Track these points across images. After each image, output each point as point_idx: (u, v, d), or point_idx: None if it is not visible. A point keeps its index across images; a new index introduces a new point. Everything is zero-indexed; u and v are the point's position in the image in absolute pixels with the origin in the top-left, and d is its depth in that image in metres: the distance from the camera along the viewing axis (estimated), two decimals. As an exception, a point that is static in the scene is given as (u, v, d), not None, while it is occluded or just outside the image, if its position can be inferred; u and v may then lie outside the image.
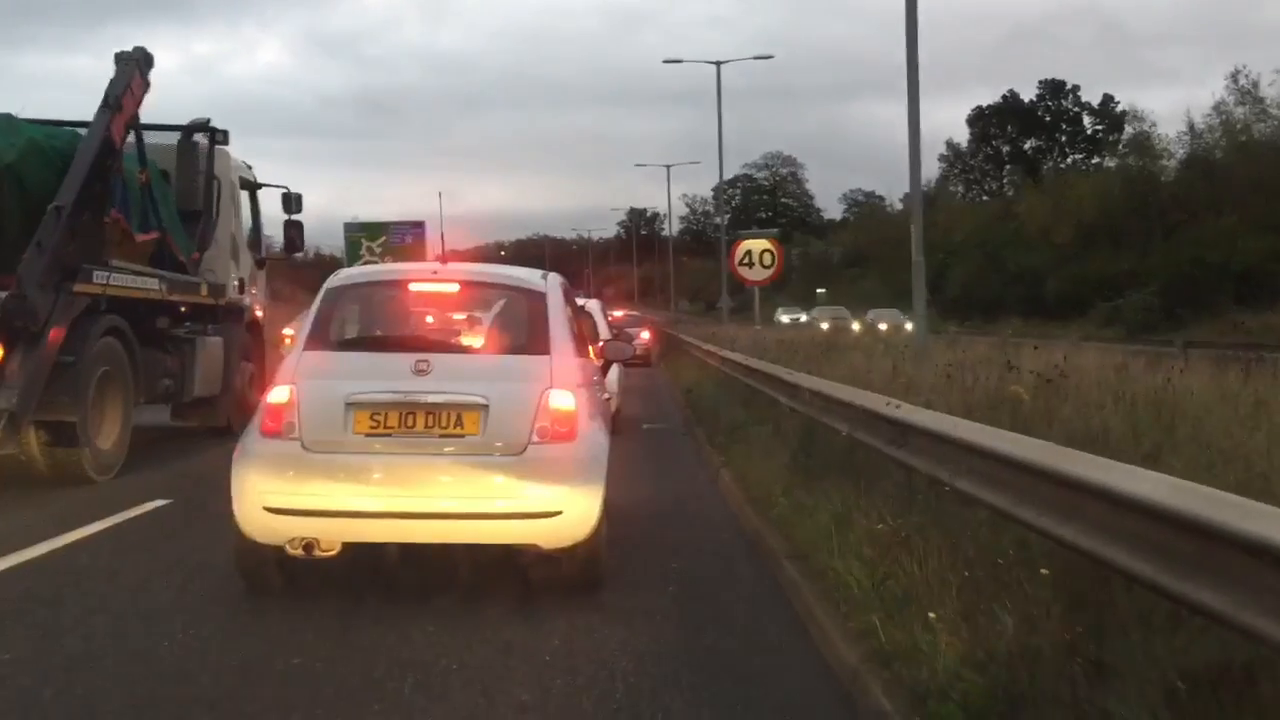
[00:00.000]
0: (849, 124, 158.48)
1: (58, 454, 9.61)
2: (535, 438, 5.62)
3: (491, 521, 5.60)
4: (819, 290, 71.61)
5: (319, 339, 6.20)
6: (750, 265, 21.55)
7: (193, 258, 12.86)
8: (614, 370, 12.30)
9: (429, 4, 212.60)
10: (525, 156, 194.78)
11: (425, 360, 5.80)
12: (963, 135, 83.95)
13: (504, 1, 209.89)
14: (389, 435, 5.60)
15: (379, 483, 5.55)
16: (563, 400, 5.77)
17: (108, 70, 11.16)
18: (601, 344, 9.71)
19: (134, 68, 11.22)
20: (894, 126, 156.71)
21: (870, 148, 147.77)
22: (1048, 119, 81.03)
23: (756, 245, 21.74)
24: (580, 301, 12.14)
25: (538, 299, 6.39)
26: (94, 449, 9.92)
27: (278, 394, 5.82)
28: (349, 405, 5.62)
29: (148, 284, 11.38)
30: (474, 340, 6.75)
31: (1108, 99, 79.22)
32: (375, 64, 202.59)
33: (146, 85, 11.54)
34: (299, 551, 5.68)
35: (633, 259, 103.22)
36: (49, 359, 9.36)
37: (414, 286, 6.81)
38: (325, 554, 5.73)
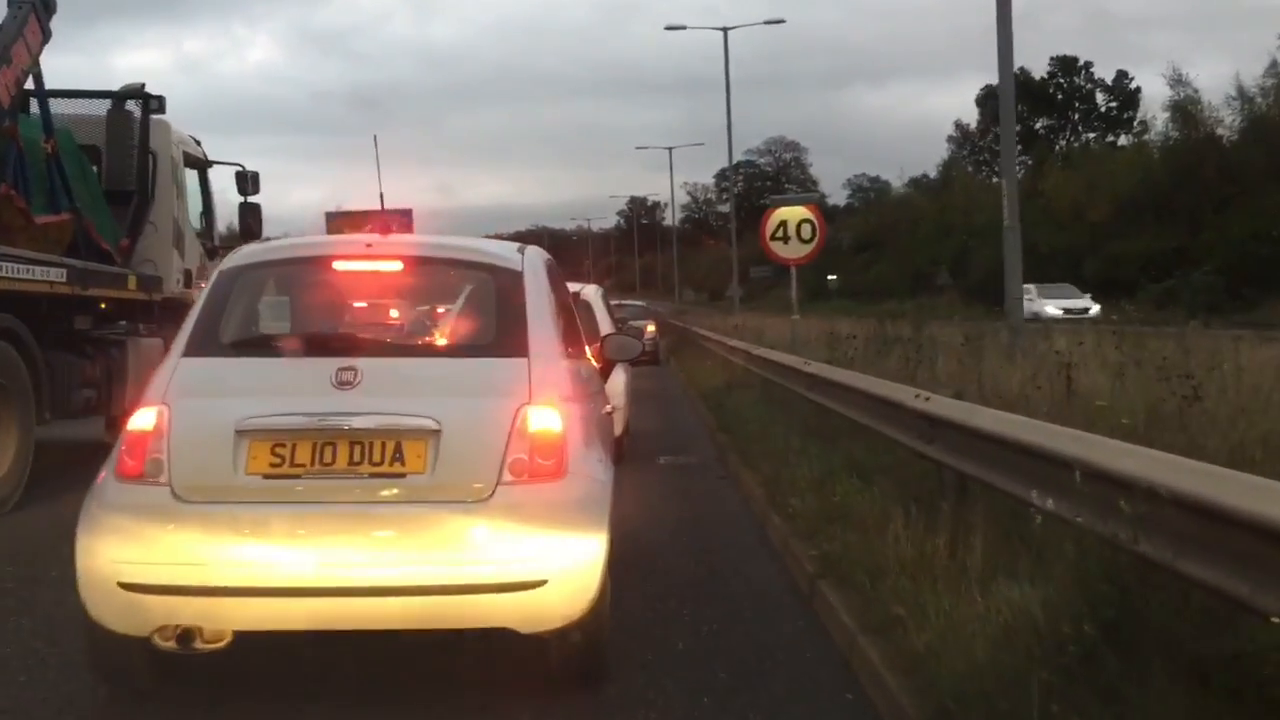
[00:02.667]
0: (845, 112, 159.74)
1: None
2: (508, 476, 4.36)
3: (446, 598, 4.28)
4: (830, 277, 69.80)
5: (204, 341, 4.87)
6: (785, 239, 17.23)
7: (121, 245, 11.27)
8: (619, 374, 9.66)
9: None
10: (522, 148, 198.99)
11: (351, 368, 4.53)
12: (970, 117, 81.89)
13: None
14: (297, 477, 4.33)
15: (283, 546, 4.25)
16: (546, 420, 4.50)
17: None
18: (601, 341, 7.16)
19: (28, 12, 9.80)
20: (889, 112, 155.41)
21: (868, 134, 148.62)
22: (1060, 97, 78.60)
23: (793, 215, 17.34)
24: (575, 288, 10.25)
25: (511, 280, 5.07)
26: None
27: (140, 420, 4.53)
28: (241, 434, 4.37)
29: (51, 275, 9.55)
30: (421, 339, 5.47)
31: (1121, 75, 77.87)
32: (367, 59, 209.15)
33: (46, 35, 10.11)
34: (171, 644, 4.37)
35: (634, 248, 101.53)
36: None
37: (339, 265, 5.37)
38: (210, 647, 4.41)
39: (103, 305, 10.89)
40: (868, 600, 5.19)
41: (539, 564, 4.32)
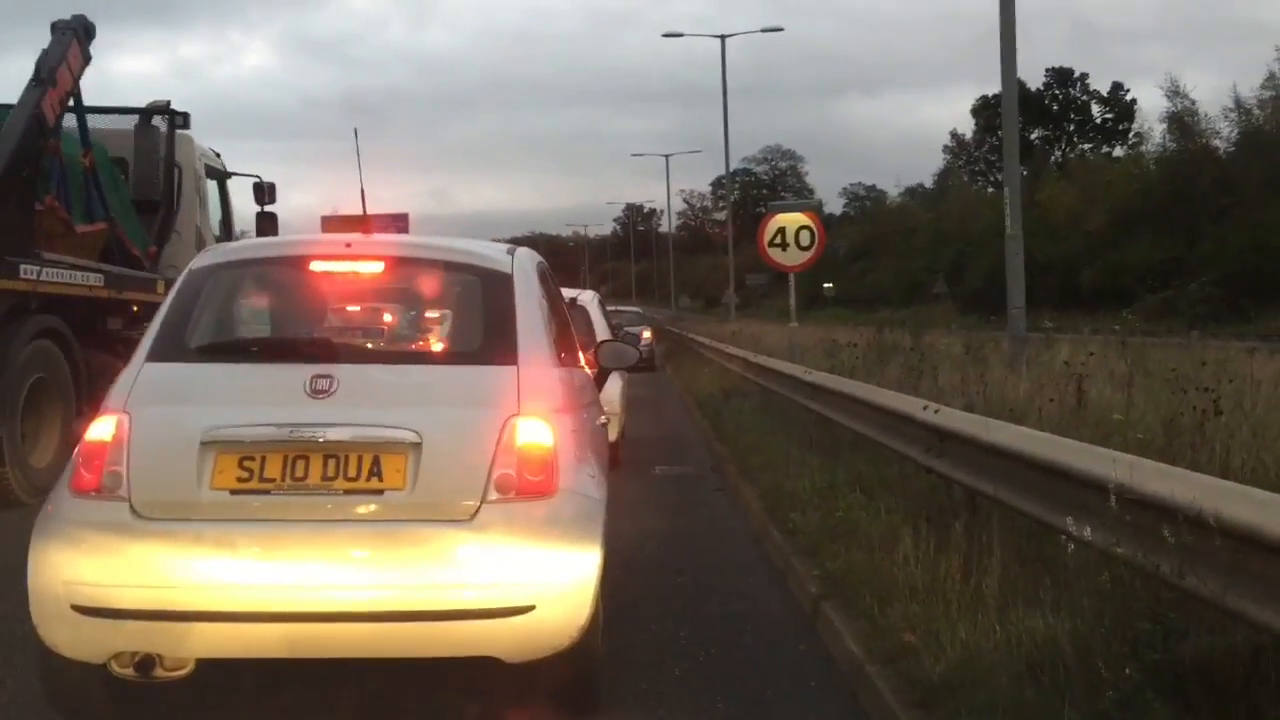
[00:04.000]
0: (838, 122, 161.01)
1: None
2: (493, 493, 4.09)
3: (425, 624, 3.98)
4: (825, 285, 69.87)
5: (169, 345, 4.55)
6: (784, 246, 16.89)
7: (149, 252, 12.01)
8: (615, 383, 9.46)
9: (413, 6, 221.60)
10: (517, 155, 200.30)
11: (326, 375, 4.24)
12: (965, 128, 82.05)
13: (487, 2, 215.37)
14: (267, 493, 4.07)
15: (250, 567, 3.99)
16: (536, 433, 4.23)
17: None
18: (596, 348, 6.83)
19: (71, 37, 10.44)
20: (883, 123, 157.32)
21: (861, 144, 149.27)
22: (1055, 108, 78.46)
23: (791, 221, 17.00)
24: (572, 294, 10.37)
25: (500, 283, 4.76)
26: (25, 467, 9.05)
27: (99, 429, 4.23)
28: (207, 446, 4.09)
29: (90, 280, 10.45)
30: (403, 344, 5.26)
31: (1117, 87, 77.33)
32: (361, 65, 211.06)
33: (86, 58, 10.82)
34: (128, 672, 4.10)
35: (630, 255, 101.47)
36: None
37: (317, 265, 5.03)
38: (171, 675, 4.15)
39: (135, 308, 11.36)
40: (875, 625, 4.88)
41: (526, 588, 4.03)
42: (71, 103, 10.67)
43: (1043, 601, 4.20)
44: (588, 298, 12.58)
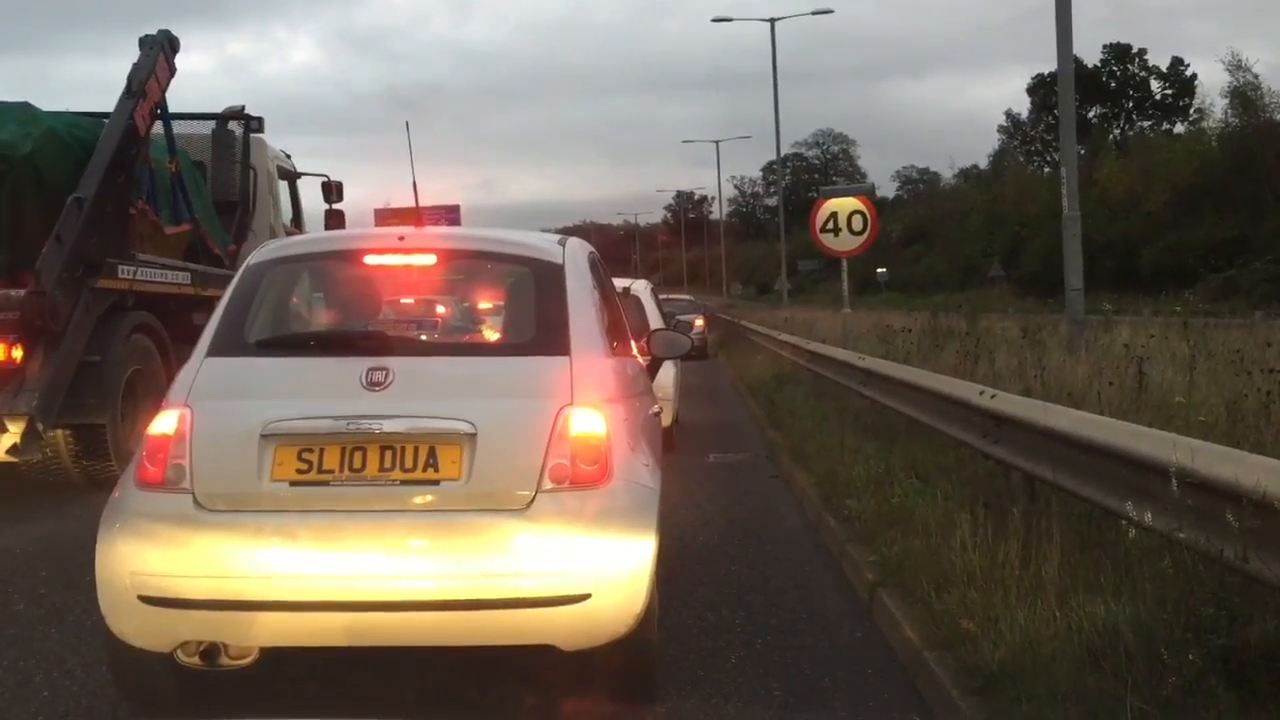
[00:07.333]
0: (887, 104, 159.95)
1: (87, 461, 9.50)
2: (548, 482, 4.11)
3: (482, 613, 4.02)
4: (879, 270, 69.31)
5: (228, 339, 4.64)
6: (836, 231, 16.78)
7: (229, 250, 12.57)
8: (668, 370, 9.51)
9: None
10: (565, 145, 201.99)
11: (382, 368, 4.27)
12: (1018, 108, 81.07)
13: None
14: (325, 484, 4.10)
15: (310, 557, 4.02)
16: (589, 423, 4.23)
17: None
18: (648, 337, 6.82)
19: (158, 52, 11.03)
20: (930, 105, 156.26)
21: (910, 127, 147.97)
22: (1113, 85, 76.93)
23: (844, 206, 16.89)
24: (625, 284, 10.42)
25: (551, 274, 4.76)
26: (125, 453, 9.21)
27: (162, 423, 4.30)
28: (266, 438, 4.15)
29: (179, 278, 11.19)
30: (456, 336, 5.32)
31: (1177, 62, 75.89)
32: (405, 59, 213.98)
33: (172, 70, 11.35)
34: (194, 660, 4.23)
35: (681, 243, 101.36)
36: (73, 359, 9.22)
37: (371, 260, 5.15)
38: (236, 664, 4.28)
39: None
40: (933, 612, 4.84)
41: (582, 576, 4.04)
42: (160, 112, 11.26)
43: (1103, 587, 4.15)
44: (640, 287, 12.60)
